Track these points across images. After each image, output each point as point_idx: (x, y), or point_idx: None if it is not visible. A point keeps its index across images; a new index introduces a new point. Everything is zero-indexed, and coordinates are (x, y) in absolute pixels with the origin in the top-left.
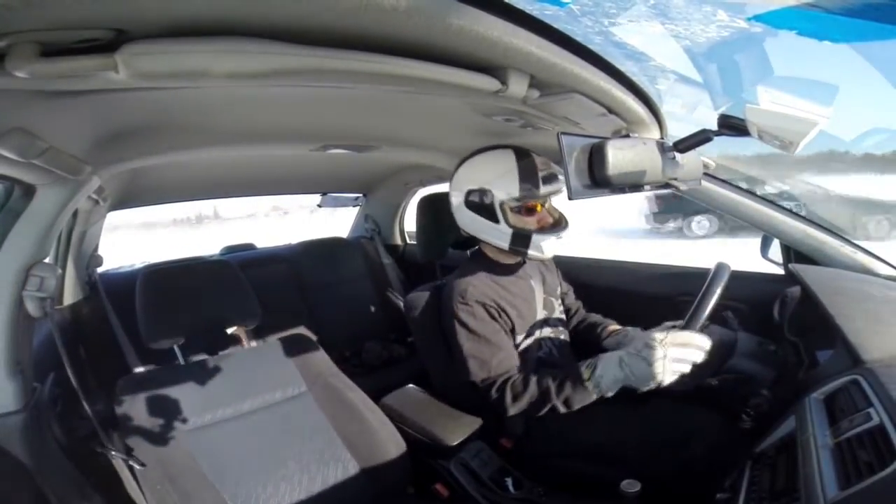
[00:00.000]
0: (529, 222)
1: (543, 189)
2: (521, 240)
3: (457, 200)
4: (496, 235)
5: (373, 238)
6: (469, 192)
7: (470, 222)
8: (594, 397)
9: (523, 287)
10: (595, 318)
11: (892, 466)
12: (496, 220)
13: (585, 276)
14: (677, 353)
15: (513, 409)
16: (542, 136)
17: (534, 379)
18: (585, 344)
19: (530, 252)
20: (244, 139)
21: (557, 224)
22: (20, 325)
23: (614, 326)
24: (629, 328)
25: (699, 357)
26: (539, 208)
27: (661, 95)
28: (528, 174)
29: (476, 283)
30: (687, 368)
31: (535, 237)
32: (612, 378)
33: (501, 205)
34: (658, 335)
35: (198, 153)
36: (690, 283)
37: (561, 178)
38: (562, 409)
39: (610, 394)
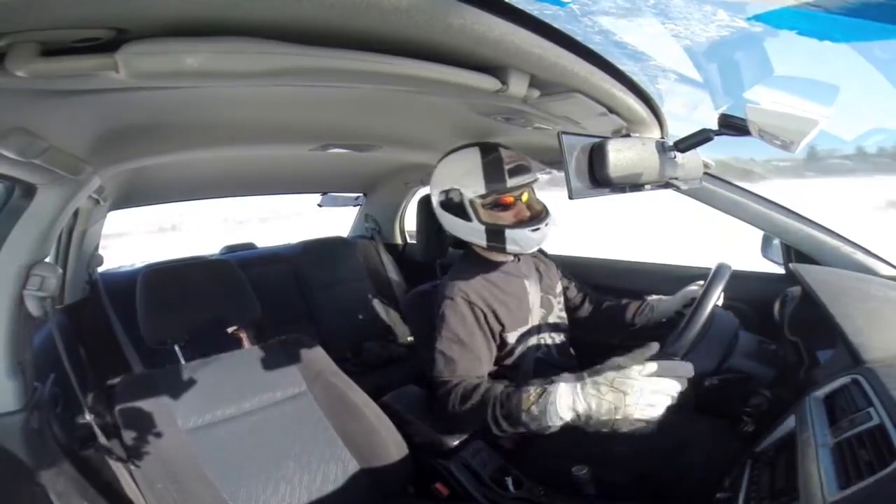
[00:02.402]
0: (504, 217)
1: (511, 181)
2: (496, 236)
3: (435, 202)
4: (473, 234)
5: (373, 237)
6: (442, 194)
7: (448, 223)
8: (525, 430)
9: (516, 286)
10: (609, 301)
11: (892, 466)
12: (469, 219)
13: (585, 277)
14: (650, 398)
15: (454, 412)
16: (542, 135)
17: (485, 386)
18: (607, 328)
19: (509, 247)
20: (244, 139)
21: (537, 217)
22: (21, 324)
23: (635, 304)
24: (651, 297)
25: (667, 402)
26: (515, 202)
27: (662, 95)
28: (494, 169)
29: (467, 280)
30: (657, 413)
31: (508, 232)
32: (558, 417)
33: (472, 203)
34: (634, 378)
35: (198, 153)
36: (690, 283)
37: (532, 169)
38: (495, 430)
39: (548, 431)
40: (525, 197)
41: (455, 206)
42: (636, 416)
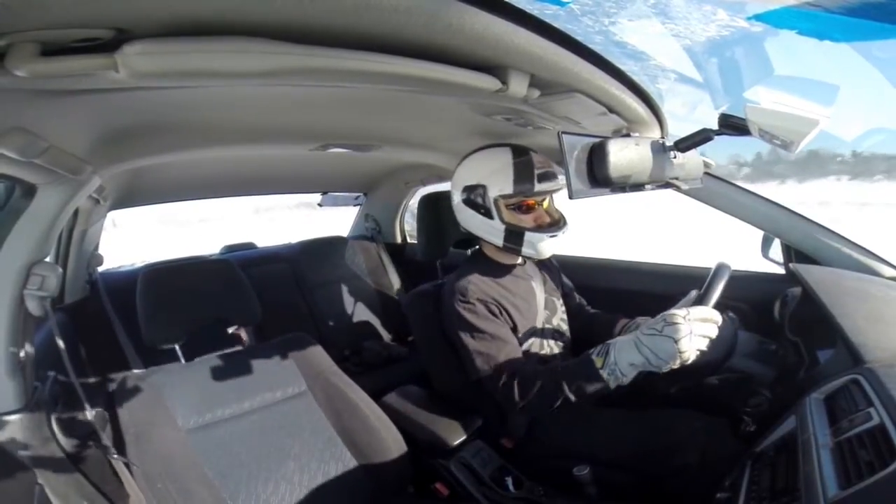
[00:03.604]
0: (525, 220)
1: (539, 186)
2: (514, 237)
3: (456, 198)
4: (491, 232)
5: (373, 237)
6: (466, 189)
7: (468, 219)
8: (611, 386)
9: (524, 287)
10: (602, 314)
11: (893, 466)
12: (491, 217)
13: (586, 277)
14: (700, 328)
15: (522, 404)
16: (543, 135)
17: (542, 369)
18: (597, 339)
19: (524, 250)
20: (244, 139)
21: (555, 224)
22: (21, 324)
23: (624, 319)
24: (639, 318)
25: (715, 332)
26: (536, 206)
27: (662, 95)
28: (524, 171)
29: (476, 281)
30: (706, 345)
31: (528, 235)
32: (628, 362)
33: (496, 201)
34: (679, 311)
35: (198, 153)
36: (691, 283)
37: (559, 176)
38: (573, 399)
39: (626, 380)
40: (546, 203)
41: (478, 203)
42: (692, 356)
